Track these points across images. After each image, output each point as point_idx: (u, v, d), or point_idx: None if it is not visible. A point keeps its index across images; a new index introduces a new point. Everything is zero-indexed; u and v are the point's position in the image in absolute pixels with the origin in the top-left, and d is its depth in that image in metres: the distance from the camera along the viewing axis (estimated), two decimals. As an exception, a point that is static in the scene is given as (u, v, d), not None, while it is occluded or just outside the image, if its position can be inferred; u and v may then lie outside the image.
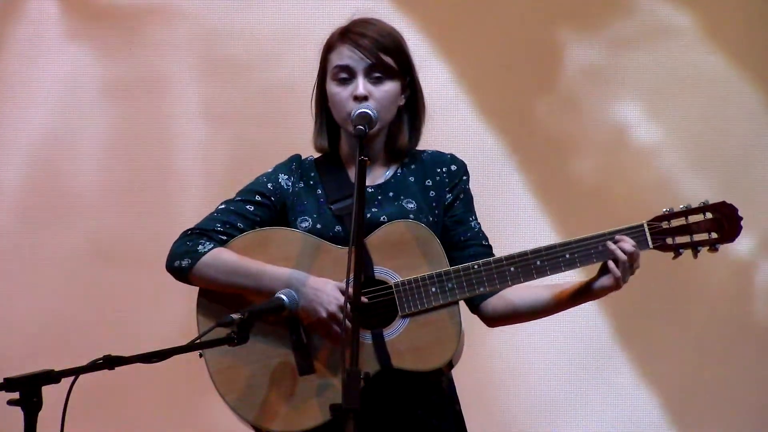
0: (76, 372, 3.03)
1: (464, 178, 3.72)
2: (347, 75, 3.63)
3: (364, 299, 3.53)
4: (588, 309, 5.43)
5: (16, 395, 2.96)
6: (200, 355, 3.56)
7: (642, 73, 5.62)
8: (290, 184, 3.71)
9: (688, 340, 5.62)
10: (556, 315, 3.69)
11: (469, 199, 3.72)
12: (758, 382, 5.62)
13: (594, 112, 5.64)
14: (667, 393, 5.63)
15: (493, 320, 3.69)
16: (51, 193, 5.60)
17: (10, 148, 5.61)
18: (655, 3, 5.63)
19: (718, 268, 5.58)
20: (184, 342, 3.22)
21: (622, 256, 3.52)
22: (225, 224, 3.64)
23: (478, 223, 3.72)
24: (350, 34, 3.64)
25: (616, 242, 3.54)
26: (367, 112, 3.54)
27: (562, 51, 5.64)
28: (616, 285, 3.56)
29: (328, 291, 3.52)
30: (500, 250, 3.67)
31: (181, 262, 3.60)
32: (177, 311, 5.14)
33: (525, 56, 5.64)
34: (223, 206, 3.69)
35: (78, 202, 5.59)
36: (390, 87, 3.63)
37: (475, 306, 3.68)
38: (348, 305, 3.28)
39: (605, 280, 3.57)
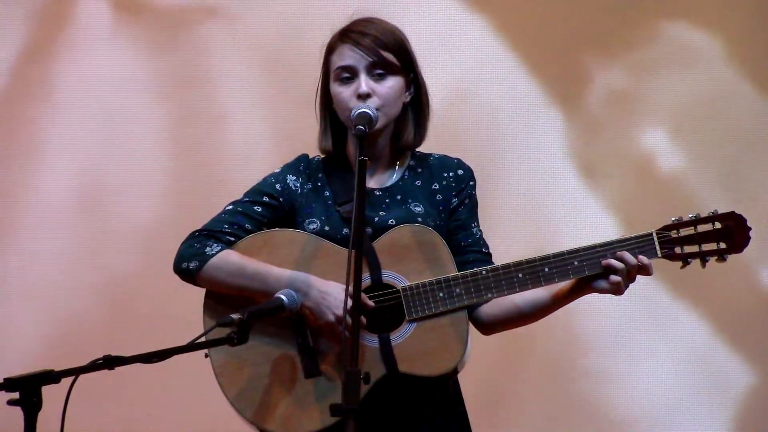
0: (76, 372, 3.02)
1: (471, 183, 3.71)
2: (349, 74, 3.62)
3: (369, 302, 3.53)
4: (591, 309, 5.42)
5: (16, 395, 2.95)
6: (206, 356, 3.57)
7: (668, 97, 5.59)
8: (299, 185, 3.71)
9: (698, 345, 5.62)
10: (559, 315, 3.68)
11: (473, 204, 3.71)
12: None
13: (620, 136, 5.61)
14: (678, 394, 5.61)
15: (488, 326, 3.68)
16: (94, 199, 5.63)
17: (59, 149, 5.62)
18: (680, 28, 5.60)
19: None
20: (184, 342, 3.22)
21: (620, 265, 3.51)
22: (232, 225, 3.63)
23: (480, 230, 3.70)
24: (350, 33, 3.63)
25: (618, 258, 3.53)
26: (366, 112, 3.53)
27: (588, 76, 5.61)
28: (614, 291, 3.54)
29: (335, 294, 3.52)
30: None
31: (189, 264, 3.60)
32: (178, 311, 5.15)
33: (551, 81, 5.62)
34: (230, 207, 3.68)
35: (121, 201, 5.62)
36: (393, 83, 3.62)
37: (468, 313, 3.64)
38: (350, 306, 3.26)
39: (603, 283, 3.54)
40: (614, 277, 3.52)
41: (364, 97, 3.58)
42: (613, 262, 3.52)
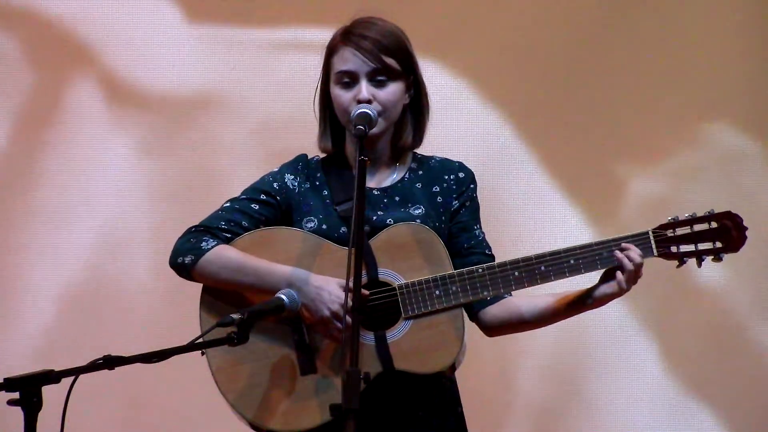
0: (76, 372, 3.02)
1: (471, 186, 3.71)
2: (350, 79, 3.61)
3: (365, 291, 3.52)
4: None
5: (16, 395, 2.95)
6: (202, 354, 3.57)
7: (707, 202, 5.55)
8: (296, 184, 3.70)
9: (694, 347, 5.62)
10: None
11: (475, 207, 3.71)
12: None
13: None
14: (667, 400, 5.62)
15: (492, 329, 3.69)
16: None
17: (60, 248, 5.56)
18: (721, 131, 5.55)
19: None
20: (184, 342, 3.22)
21: (629, 265, 3.52)
22: (229, 222, 3.63)
23: (483, 232, 3.71)
24: (352, 36, 3.62)
25: (622, 250, 3.54)
26: (366, 112, 3.53)
27: (624, 183, 5.60)
28: (620, 292, 3.55)
29: (330, 290, 3.51)
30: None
31: (184, 258, 3.60)
32: (178, 311, 5.14)
33: (586, 187, 5.61)
34: (228, 204, 3.68)
35: (122, 203, 5.59)
36: (394, 88, 3.62)
37: (473, 314, 3.67)
38: (349, 303, 3.26)
39: (608, 288, 3.56)
40: (620, 279, 3.53)
41: (364, 103, 3.58)
42: (620, 255, 3.53)
